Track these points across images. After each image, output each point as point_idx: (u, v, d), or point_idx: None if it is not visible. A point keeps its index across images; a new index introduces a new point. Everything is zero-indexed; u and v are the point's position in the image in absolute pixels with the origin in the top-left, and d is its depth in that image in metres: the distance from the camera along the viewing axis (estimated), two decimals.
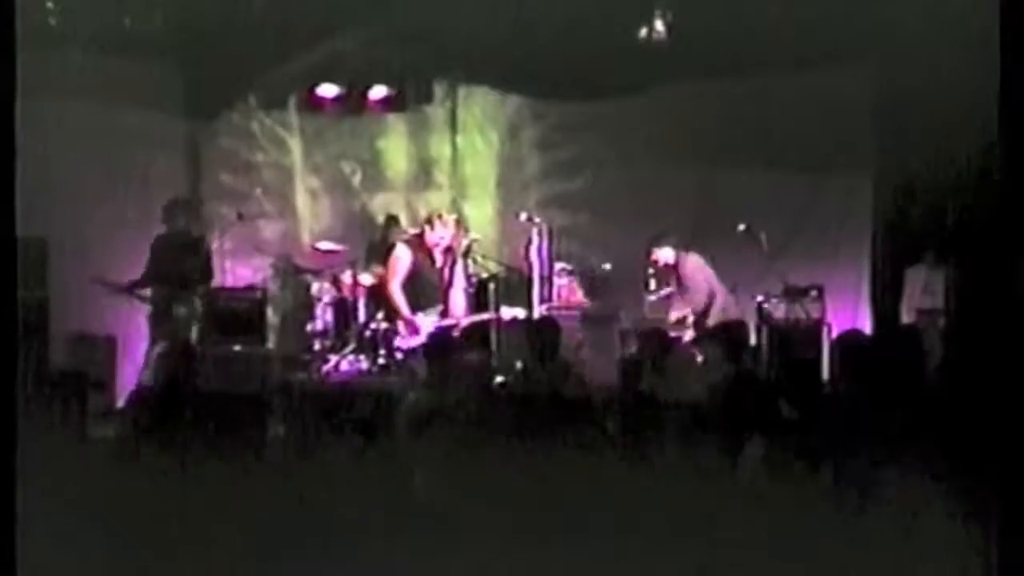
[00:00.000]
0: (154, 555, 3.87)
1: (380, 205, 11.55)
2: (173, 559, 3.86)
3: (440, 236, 9.54)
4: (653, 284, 10.25)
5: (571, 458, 4.60)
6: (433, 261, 9.56)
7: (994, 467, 4.08)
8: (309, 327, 10.43)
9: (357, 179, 11.66)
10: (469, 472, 4.65)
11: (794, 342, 9.83)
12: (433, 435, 5.49)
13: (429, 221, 9.70)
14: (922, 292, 10.32)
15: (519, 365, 8.15)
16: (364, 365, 10.00)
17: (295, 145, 11.64)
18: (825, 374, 8.72)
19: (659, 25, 10.50)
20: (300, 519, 4.01)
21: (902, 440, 5.11)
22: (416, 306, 9.41)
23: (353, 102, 11.42)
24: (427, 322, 9.29)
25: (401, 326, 9.46)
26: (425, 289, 9.48)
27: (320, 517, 4.04)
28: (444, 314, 9.46)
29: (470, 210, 11.63)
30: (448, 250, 9.62)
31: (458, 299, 9.62)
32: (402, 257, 9.48)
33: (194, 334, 9.74)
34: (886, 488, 4.10)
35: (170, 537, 3.92)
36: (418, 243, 9.62)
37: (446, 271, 9.60)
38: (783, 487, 4.19)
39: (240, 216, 10.83)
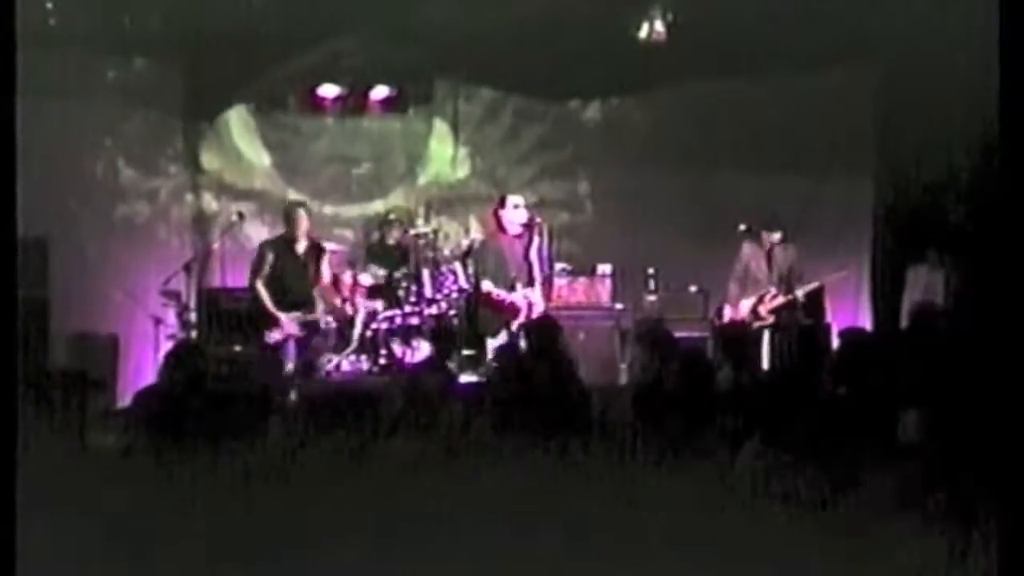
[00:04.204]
0: (154, 556, 3.87)
1: (379, 205, 11.55)
2: (173, 560, 3.86)
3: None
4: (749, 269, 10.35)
5: (569, 460, 4.60)
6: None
7: (994, 467, 4.08)
8: None
9: (356, 180, 11.67)
10: (468, 473, 4.65)
11: (794, 342, 9.83)
12: (429, 435, 5.49)
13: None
14: (922, 292, 10.32)
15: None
16: (365, 365, 10.05)
17: (295, 145, 11.65)
18: (824, 374, 8.71)
19: (659, 25, 10.50)
20: (301, 520, 4.01)
21: (901, 440, 5.11)
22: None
23: (353, 102, 11.43)
24: (290, 320, 9.59)
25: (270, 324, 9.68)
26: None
27: (321, 517, 4.03)
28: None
29: (470, 210, 11.65)
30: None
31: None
32: (268, 254, 9.75)
33: None
34: (884, 488, 4.10)
35: (170, 538, 3.92)
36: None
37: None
38: (780, 488, 4.18)
39: (240, 216, 10.84)
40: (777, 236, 10.30)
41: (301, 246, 9.76)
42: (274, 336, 9.57)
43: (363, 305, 10.24)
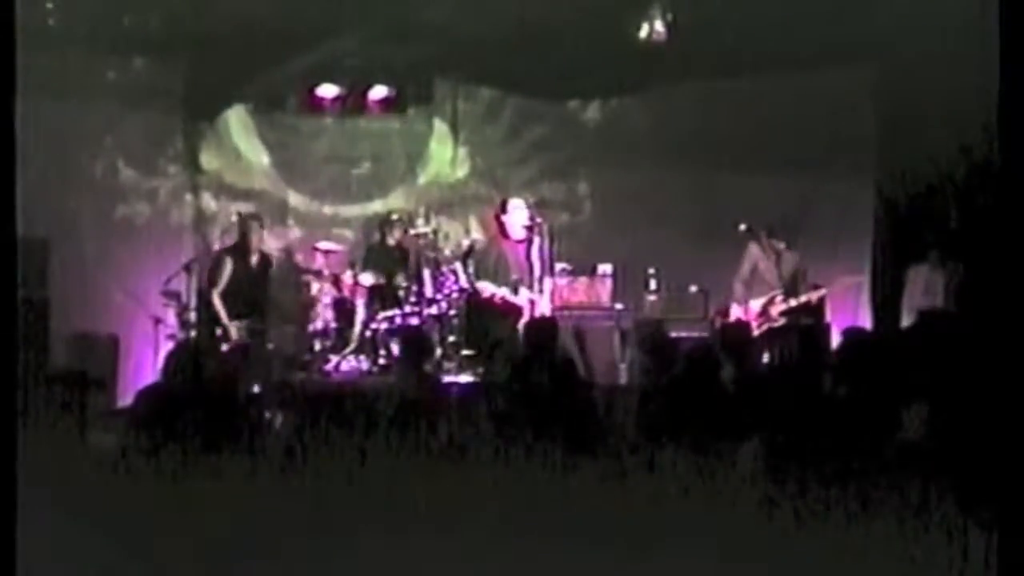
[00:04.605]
0: (154, 556, 3.87)
1: (379, 206, 11.55)
2: (172, 560, 3.86)
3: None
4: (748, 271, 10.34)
5: (569, 459, 4.60)
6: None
7: (994, 467, 4.08)
8: (309, 327, 10.44)
9: (355, 180, 11.68)
10: (467, 472, 4.66)
11: (794, 342, 9.84)
12: (429, 434, 5.49)
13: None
14: (922, 292, 10.32)
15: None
16: (364, 365, 10.06)
17: (295, 145, 11.64)
18: (825, 375, 8.71)
19: (659, 25, 10.50)
20: (301, 520, 4.01)
21: (904, 440, 5.12)
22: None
23: (352, 102, 11.43)
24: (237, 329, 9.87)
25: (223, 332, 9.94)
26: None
27: (320, 517, 4.03)
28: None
29: (470, 210, 11.65)
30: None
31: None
32: (224, 265, 10.06)
33: None
34: (885, 489, 4.10)
35: (169, 538, 3.92)
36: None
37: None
38: (780, 488, 4.19)
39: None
40: (783, 245, 10.29)
41: (254, 258, 10.21)
42: (225, 344, 9.83)
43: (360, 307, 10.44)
